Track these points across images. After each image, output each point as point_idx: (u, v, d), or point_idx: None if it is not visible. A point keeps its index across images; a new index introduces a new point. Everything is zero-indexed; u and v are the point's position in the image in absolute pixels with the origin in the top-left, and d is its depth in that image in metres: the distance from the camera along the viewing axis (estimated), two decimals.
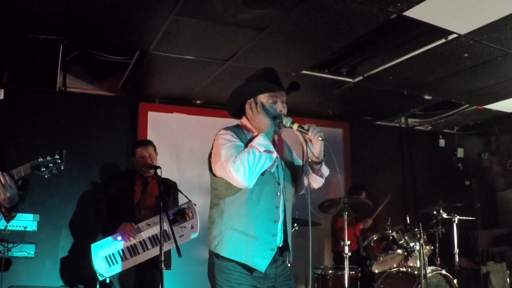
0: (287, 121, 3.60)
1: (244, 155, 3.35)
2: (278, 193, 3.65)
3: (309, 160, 3.67)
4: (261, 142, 3.41)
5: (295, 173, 3.86)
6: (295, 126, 3.56)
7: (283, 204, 3.68)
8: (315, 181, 3.78)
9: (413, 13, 4.76)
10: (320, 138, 3.48)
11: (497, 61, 6.15)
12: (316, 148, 3.58)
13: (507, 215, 10.76)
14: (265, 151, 3.38)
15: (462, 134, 10.92)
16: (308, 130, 3.50)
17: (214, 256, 3.66)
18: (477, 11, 4.83)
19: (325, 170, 3.75)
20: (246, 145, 3.49)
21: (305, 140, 3.59)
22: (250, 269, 3.54)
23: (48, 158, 4.21)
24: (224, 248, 3.58)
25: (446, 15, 4.90)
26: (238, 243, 3.55)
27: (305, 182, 3.74)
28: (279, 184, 3.67)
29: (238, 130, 3.72)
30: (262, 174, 3.48)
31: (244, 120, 3.81)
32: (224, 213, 3.64)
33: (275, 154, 3.47)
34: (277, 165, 3.70)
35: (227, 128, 3.71)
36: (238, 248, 3.54)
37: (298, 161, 3.96)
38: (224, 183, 3.60)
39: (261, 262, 3.53)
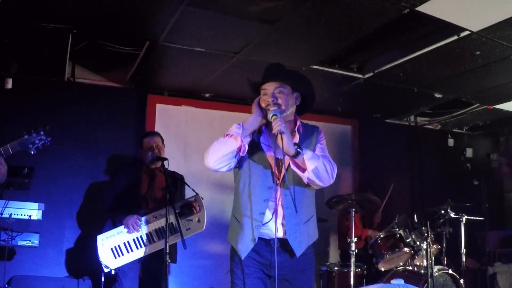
0: (270, 113, 3.62)
1: (214, 142, 3.65)
2: (272, 186, 3.70)
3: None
4: (232, 128, 3.66)
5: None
6: (272, 119, 3.58)
7: (283, 197, 3.71)
8: (301, 176, 3.69)
9: (426, 8, 4.71)
10: (278, 132, 3.48)
11: (509, 59, 6.08)
12: (282, 141, 3.52)
13: None
14: (226, 135, 3.61)
15: (472, 134, 10.87)
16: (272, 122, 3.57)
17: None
18: (490, 8, 4.78)
19: (310, 164, 3.59)
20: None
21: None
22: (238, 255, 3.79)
23: (34, 134, 4.28)
24: (228, 234, 3.95)
25: (459, 11, 4.85)
26: (233, 230, 3.89)
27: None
28: (278, 178, 3.73)
29: None
30: (252, 165, 3.74)
31: None
32: (233, 203, 3.96)
33: (237, 139, 3.59)
34: (279, 157, 3.73)
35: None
36: (233, 234, 3.87)
37: None
38: (233, 174, 3.94)
39: (242, 249, 3.76)
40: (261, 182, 3.72)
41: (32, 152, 4.40)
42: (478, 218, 7.79)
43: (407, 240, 6.77)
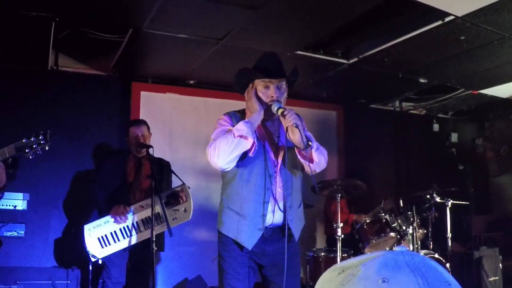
0: (274, 106, 3.65)
1: (220, 139, 3.56)
2: (272, 175, 3.76)
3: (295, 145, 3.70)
4: (239, 127, 3.56)
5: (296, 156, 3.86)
6: (280, 111, 3.60)
7: (282, 186, 3.78)
8: (305, 166, 3.79)
9: None
10: (294, 125, 3.49)
11: (493, 44, 6.10)
12: (295, 135, 3.57)
13: (500, 201, 10.78)
14: (239, 136, 3.50)
15: (457, 119, 10.92)
16: (285, 116, 3.53)
17: (218, 232, 3.93)
18: None
19: (316, 156, 3.70)
20: None
21: (287, 127, 3.61)
22: (240, 246, 3.76)
23: (33, 138, 4.22)
24: (222, 224, 3.87)
25: None
26: (230, 221, 3.81)
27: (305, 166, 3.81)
28: (275, 166, 3.79)
29: (237, 115, 3.90)
30: (243, 158, 3.67)
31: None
32: (224, 193, 3.91)
33: (250, 141, 3.54)
34: (273, 146, 3.84)
35: (227, 113, 3.92)
36: (231, 225, 3.80)
37: None
38: None
39: (248, 240, 3.73)
40: (262, 171, 3.74)
41: (30, 157, 4.33)
42: (463, 202, 7.82)
43: (393, 225, 6.80)
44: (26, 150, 4.18)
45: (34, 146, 4.20)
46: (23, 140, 4.22)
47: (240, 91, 3.96)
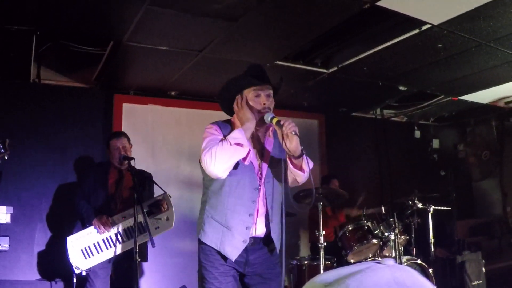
0: (267, 116, 3.67)
1: (216, 147, 3.50)
2: (258, 187, 3.77)
3: (288, 154, 3.71)
4: (234, 135, 3.54)
5: (285, 167, 3.87)
6: (274, 120, 3.61)
7: (265, 198, 3.81)
8: (297, 175, 3.82)
9: (387, 3, 4.77)
10: (293, 133, 3.50)
11: (471, 51, 6.18)
12: (292, 142, 3.57)
13: (482, 206, 10.87)
14: (235, 143, 3.49)
15: (438, 125, 11.02)
16: (283, 124, 3.53)
17: (199, 242, 3.89)
18: (451, 2, 4.84)
19: (306, 165, 3.73)
20: None
21: (282, 135, 3.60)
22: (223, 256, 3.74)
23: None
24: (204, 234, 3.82)
25: (420, 5, 4.90)
26: (214, 231, 3.78)
27: (289, 176, 3.88)
28: (260, 178, 3.80)
29: (225, 125, 3.85)
30: (235, 167, 3.64)
31: (234, 117, 3.88)
32: (207, 203, 3.86)
33: (245, 148, 3.55)
34: (258, 158, 3.85)
35: (214, 123, 3.85)
36: (214, 236, 3.78)
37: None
38: (206, 176, 3.74)
39: (232, 251, 3.71)
40: (248, 183, 3.74)
41: None
42: (445, 208, 7.88)
43: (375, 232, 6.83)
44: None
45: None
46: None
47: (223, 104, 3.98)
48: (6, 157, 4.35)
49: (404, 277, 1.10)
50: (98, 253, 5.59)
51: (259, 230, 3.79)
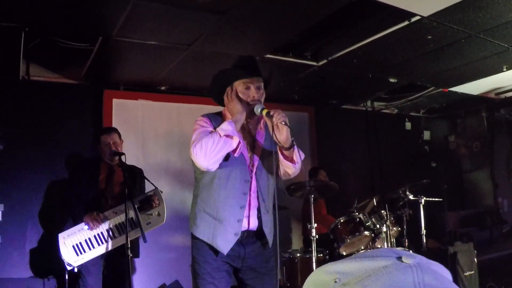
0: (257, 107, 3.66)
1: (205, 139, 3.49)
2: (249, 180, 3.77)
3: (278, 146, 3.71)
4: (224, 127, 3.54)
5: (276, 159, 3.86)
6: (264, 112, 3.60)
7: (257, 190, 3.80)
8: (288, 167, 3.83)
9: None
10: (283, 123, 3.50)
11: (460, 43, 6.18)
12: (282, 133, 3.58)
13: (473, 196, 10.90)
14: (225, 135, 3.49)
15: (428, 117, 11.05)
16: (273, 115, 3.52)
17: (192, 236, 3.89)
18: None
19: (297, 156, 3.73)
20: None
21: (273, 126, 3.61)
22: (215, 250, 3.72)
23: None
24: (196, 228, 3.81)
25: None
26: (206, 224, 3.77)
27: (280, 168, 3.90)
28: (251, 171, 3.80)
29: (216, 117, 3.86)
30: (226, 159, 3.63)
31: (225, 109, 3.88)
32: (199, 196, 3.87)
33: (235, 140, 3.55)
34: (249, 151, 3.85)
35: (204, 115, 3.86)
36: (206, 229, 3.77)
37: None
38: (197, 168, 3.74)
39: (224, 245, 3.70)
40: (239, 175, 3.74)
41: None
42: (436, 199, 7.91)
43: (367, 224, 6.84)
44: None
45: None
46: None
47: (214, 96, 3.96)
48: (1, 148, 4.36)
49: (427, 281, 0.93)
50: (90, 249, 5.58)
51: (252, 223, 3.79)
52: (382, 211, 6.82)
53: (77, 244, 5.55)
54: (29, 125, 6.87)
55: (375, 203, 7.18)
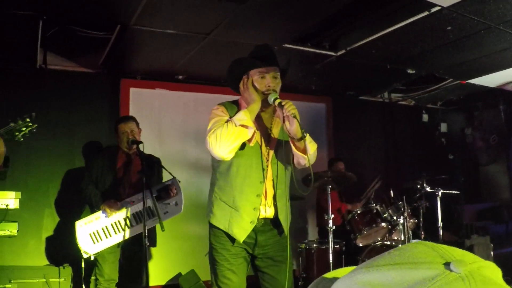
0: (271, 96, 3.67)
1: (220, 128, 3.53)
2: (264, 168, 3.77)
3: (289, 137, 3.72)
4: (239, 116, 3.57)
5: (290, 149, 3.86)
6: (277, 102, 3.61)
7: (272, 179, 3.82)
8: (300, 158, 3.81)
9: None
10: (292, 116, 3.50)
11: (480, 34, 6.12)
12: (292, 125, 3.57)
13: (490, 190, 10.83)
14: (240, 125, 3.52)
15: (446, 109, 10.97)
16: (284, 106, 3.53)
17: (209, 224, 3.92)
18: None
19: (308, 148, 3.70)
20: None
21: (284, 117, 3.62)
22: (232, 238, 3.75)
23: (20, 122, 4.21)
24: (213, 216, 3.85)
25: None
26: (222, 212, 3.80)
27: (293, 158, 3.87)
28: (267, 159, 3.81)
29: (232, 106, 3.88)
30: (242, 148, 3.66)
31: (241, 97, 3.90)
32: (216, 185, 3.89)
33: (251, 129, 3.58)
34: (265, 140, 3.85)
35: (220, 104, 3.89)
36: (222, 217, 3.80)
37: None
38: (213, 158, 3.79)
39: (240, 232, 3.74)
40: (255, 164, 3.76)
41: (21, 140, 4.35)
42: (454, 191, 7.87)
43: (384, 215, 6.84)
44: (15, 134, 4.20)
45: (22, 129, 4.23)
46: (11, 124, 4.24)
47: (231, 84, 3.96)
48: (34, 130, 4.38)
49: None
50: (107, 237, 5.59)
51: (268, 211, 3.81)
52: (399, 203, 6.80)
53: (94, 232, 5.57)
54: (46, 113, 6.86)
55: (392, 195, 7.15)
